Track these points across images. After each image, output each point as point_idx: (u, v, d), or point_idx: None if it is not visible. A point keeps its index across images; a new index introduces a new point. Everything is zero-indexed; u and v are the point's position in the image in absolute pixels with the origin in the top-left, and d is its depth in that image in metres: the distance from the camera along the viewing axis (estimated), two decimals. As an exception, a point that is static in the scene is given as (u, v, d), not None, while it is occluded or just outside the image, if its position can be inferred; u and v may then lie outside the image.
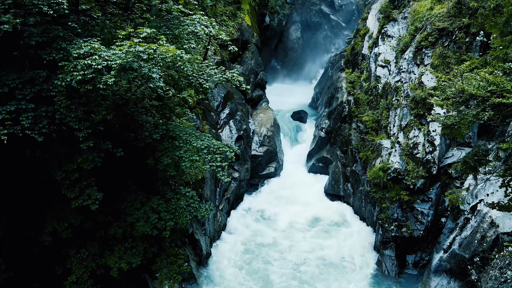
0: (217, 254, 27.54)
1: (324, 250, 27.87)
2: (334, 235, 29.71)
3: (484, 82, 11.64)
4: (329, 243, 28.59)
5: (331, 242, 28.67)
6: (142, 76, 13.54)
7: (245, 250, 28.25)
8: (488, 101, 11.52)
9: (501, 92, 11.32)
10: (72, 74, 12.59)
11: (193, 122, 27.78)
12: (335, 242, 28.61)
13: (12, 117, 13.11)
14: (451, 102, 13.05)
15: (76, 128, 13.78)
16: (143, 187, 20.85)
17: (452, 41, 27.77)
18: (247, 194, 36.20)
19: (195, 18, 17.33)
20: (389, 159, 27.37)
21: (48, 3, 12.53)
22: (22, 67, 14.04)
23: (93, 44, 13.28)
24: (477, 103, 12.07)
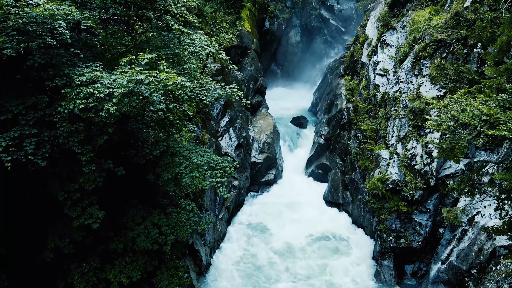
0: (217, 264, 27.77)
1: (323, 273, 27.71)
2: (334, 253, 29.38)
3: (478, 112, 11.88)
4: (328, 263, 28.33)
5: (331, 262, 28.34)
6: (143, 98, 13.74)
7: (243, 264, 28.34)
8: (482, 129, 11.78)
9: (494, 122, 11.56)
10: (75, 102, 12.83)
11: (193, 132, 27.95)
12: (335, 263, 28.31)
13: (16, 142, 13.35)
14: (446, 127, 13.29)
15: (78, 152, 14.02)
16: (143, 201, 21.10)
17: (450, 53, 27.99)
18: (246, 201, 36.43)
19: (195, 37, 17.54)
20: (387, 170, 27.61)
21: (52, 33, 12.75)
22: (25, 90, 14.27)
23: (95, 70, 13.51)
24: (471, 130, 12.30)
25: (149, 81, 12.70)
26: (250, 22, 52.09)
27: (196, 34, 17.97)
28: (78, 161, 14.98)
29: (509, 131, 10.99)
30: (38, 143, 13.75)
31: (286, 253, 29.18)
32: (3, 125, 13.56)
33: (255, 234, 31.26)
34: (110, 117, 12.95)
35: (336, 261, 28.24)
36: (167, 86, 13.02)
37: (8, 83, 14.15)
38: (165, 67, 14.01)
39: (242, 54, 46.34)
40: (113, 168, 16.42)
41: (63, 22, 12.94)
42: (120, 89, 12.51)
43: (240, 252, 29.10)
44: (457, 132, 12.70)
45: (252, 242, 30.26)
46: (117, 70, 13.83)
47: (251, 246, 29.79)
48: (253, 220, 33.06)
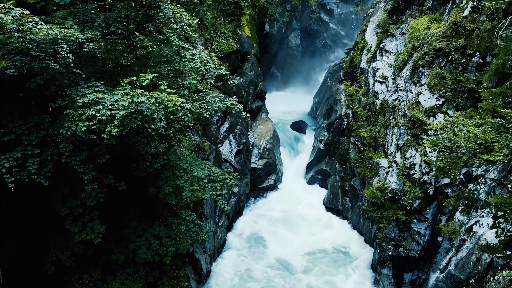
0: (217, 272, 27.96)
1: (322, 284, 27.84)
2: (333, 264, 29.38)
3: (473, 135, 12.06)
4: (327, 276, 28.28)
5: (331, 277, 28.21)
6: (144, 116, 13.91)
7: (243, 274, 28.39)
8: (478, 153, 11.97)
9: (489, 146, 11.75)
10: (77, 124, 13.02)
11: (193, 141, 28.09)
12: (335, 278, 28.21)
13: (19, 163, 13.53)
14: (443, 146, 13.46)
15: (80, 171, 14.20)
16: (144, 212, 21.32)
17: (448, 62, 28.12)
18: (246, 207, 36.64)
19: (195, 53, 17.71)
20: (386, 178, 27.78)
21: (55, 57, 12.93)
22: (28, 109, 14.44)
23: (97, 91, 13.68)
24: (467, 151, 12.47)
25: (150, 103, 12.87)
26: (250, 26, 52.24)
27: (196, 49, 18.12)
28: (80, 177, 15.14)
29: (504, 156, 11.18)
30: (40, 163, 13.95)
31: (285, 266, 29.03)
32: (6, 145, 13.73)
33: (254, 245, 31.08)
34: (112, 139, 13.13)
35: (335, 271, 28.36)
36: (168, 108, 13.20)
37: (12, 102, 14.31)
38: (166, 86, 14.17)
39: (242, 59, 46.48)
40: (114, 183, 16.60)
41: (66, 46, 13.12)
42: (121, 112, 12.69)
43: (240, 263, 29.12)
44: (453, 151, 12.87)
45: (252, 252, 30.12)
46: (119, 89, 14.00)
47: (250, 258, 29.57)
48: (253, 229, 33.07)
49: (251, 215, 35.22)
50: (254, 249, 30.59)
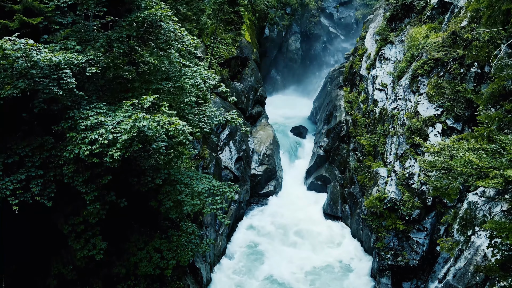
0: (217, 281, 28.14)
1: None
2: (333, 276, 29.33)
3: (469, 161, 12.26)
4: None
5: None
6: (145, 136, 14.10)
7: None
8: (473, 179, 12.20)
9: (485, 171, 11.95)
10: (80, 147, 13.22)
11: (194, 150, 28.27)
12: None
13: (23, 184, 13.73)
14: (439, 167, 13.66)
15: (83, 191, 14.40)
16: (145, 224, 21.52)
17: (447, 72, 28.32)
18: (246, 214, 36.81)
19: (196, 70, 17.90)
20: (385, 188, 27.98)
21: (58, 82, 13.12)
22: (31, 129, 14.64)
23: (99, 113, 13.89)
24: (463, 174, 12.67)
25: (152, 127, 13.06)
26: (250, 31, 52.48)
27: (197, 66, 18.31)
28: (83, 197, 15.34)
29: (499, 184, 11.38)
30: (44, 184, 14.15)
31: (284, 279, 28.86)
32: (10, 167, 13.93)
33: (252, 261, 30.94)
34: (114, 162, 13.34)
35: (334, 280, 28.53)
36: (169, 131, 13.40)
37: (15, 122, 14.51)
38: (167, 107, 14.37)
39: (242, 64, 46.69)
40: (116, 199, 16.81)
41: (69, 71, 13.32)
42: (123, 136, 12.89)
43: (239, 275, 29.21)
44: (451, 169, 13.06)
45: (248, 268, 30.00)
46: (121, 110, 14.20)
47: (247, 276, 29.39)
48: (252, 240, 32.88)
49: (251, 223, 35.31)
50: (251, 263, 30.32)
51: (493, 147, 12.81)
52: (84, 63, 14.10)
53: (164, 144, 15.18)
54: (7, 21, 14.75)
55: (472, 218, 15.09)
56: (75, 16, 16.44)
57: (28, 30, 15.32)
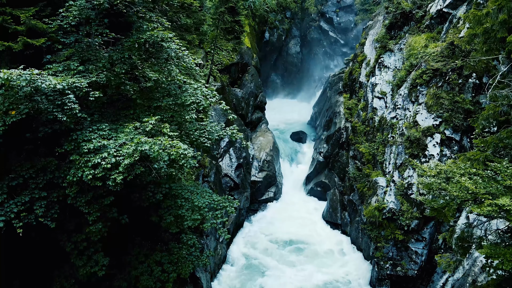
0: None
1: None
2: None
3: (465, 187, 12.50)
4: None
5: None
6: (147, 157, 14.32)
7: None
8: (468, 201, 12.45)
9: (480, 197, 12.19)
10: (83, 170, 13.44)
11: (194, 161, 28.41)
12: None
13: (27, 207, 13.96)
14: (436, 188, 13.88)
15: (85, 212, 14.63)
16: (146, 236, 21.72)
17: (445, 82, 28.53)
18: (246, 221, 37.07)
19: (197, 87, 18.12)
20: (384, 198, 28.21)
21: (62, 108, 13.34)
22: (34, 150, 14.86)
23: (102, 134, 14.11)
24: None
25: (154, 151, 13.29)
26: (250, 37, 52.66)
27: (198, 84, 18.53)
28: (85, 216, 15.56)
29: (493, 211, 11.59)
30: (47, 205, 14.37)
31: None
32: (14, 189, 14.15)
33: (253, 268, 30.77)
34: (116, 186, 13.56)
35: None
36: (171, 155, 13.62)
37: (19, 142, 14.71)
38: (168, 129, 14.60)
39: (242, 70, 46.89)
40: (118, 216, 17.03)
41: (72, 96, 13.54)
42: (126, 160, 13.11)
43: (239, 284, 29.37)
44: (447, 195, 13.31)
45: (250, 277, 30.02)
46: (123, 130, 14.42)
47: (248, 282, 29.60)
48: (252, 248, 32.98)
49: (250, 231, 35.50)
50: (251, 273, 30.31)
51: (489, 173, 13.05)
52: (87, 87, 14.28)
53: (166, 164, 15.35)
54: (11, 43, 14.96)
55: (469, 237, 15.30)
56: (77, 35, 16.64)
57: (32, 51, 15.54)
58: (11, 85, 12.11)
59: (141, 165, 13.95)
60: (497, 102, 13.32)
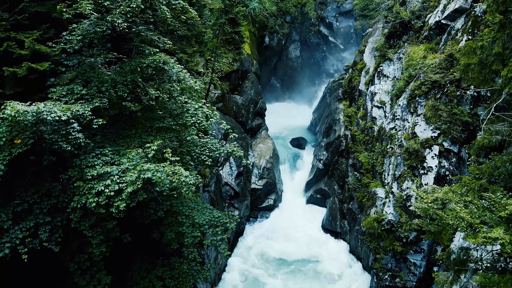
0: (218, 301, 28.67)
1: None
2: None
3: (460, 217, 12.77)
4: None
5: None
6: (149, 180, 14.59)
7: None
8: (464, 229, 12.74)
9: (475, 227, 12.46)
10: (87, 197, 13.72)
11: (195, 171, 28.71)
12: None
13: (31, 232, 14.24)
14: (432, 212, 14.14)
15: (89, 235, 14.90)
16: (147, 251, 22.01)
17: (444, 94, 28.77)
18: (246, 229, 37.33)
19: (197, 107, 18.39)
20: (383, 209, 28.48)
21: (67, 138, 13.61)
22: (39, 171, 15.12)
23: (105, 160, 14.39)
24: (456, 222, 13.19)
25: (156, 178, 13.58)
26: (250, 43, 52.89)
27: (199, 103, 18.79)
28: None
29: (488, 242, 11.87)
30: (51, 229, 14.64)
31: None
32: (19, 214, 14.43)
33: (253, 281, 31.24)
34: (119, 213, 13.84)
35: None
36: (173, 182, 13.91)
37: (23, 165, 14.97)
38: (170, 154, 14.87)
39: (242, 77, 47.17)
40: (120, 235, 17.31)
41: (77, 124, 13.81)
42: (129, 188, 13.39)
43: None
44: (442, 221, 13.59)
45: None
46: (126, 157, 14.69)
47: None
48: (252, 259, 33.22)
49: (250, 240, 35.70)
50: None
51: (483, 203, 13.33)
52: (91, 114, 14.55)
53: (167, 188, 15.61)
54: (16, 68, 15.22)
55: (465, 259, 15.57)
56: (80, 57, 16.91)
57: (36, 75, 15.81)
58: (18, 120, 12.38)
59: (143, 190, 14.20)
60: (490, 137, 13.60)
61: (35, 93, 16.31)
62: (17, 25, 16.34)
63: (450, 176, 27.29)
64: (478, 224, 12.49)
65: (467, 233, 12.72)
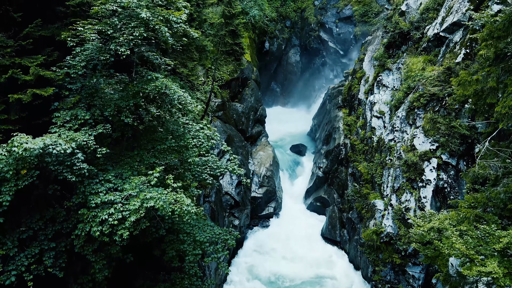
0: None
1: None
2: None
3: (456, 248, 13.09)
4: None
5: None
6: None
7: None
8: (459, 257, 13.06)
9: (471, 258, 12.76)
10: (91, 225, 14.03)
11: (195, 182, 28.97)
12: None
13: (36, 258, 14.54)
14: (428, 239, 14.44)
15: (92, 260, 15.20)
16: (149, 266, 22.30)
17: (442, 107, 29.04)
18: (247, 238, 37.61)
19: (198, 129, 18.69)
20: (382, 222, 28.78)
21: (72, 169, 13.92)
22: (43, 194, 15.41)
23: (109, 186, 14.69)
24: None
25: (159, 206, 13.89)
26: (250, 49, 53.15)
27: (199, 125, 19.09)
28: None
29: (483, 274, 12.16)
30: (56, 255, 14.94)
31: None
32: (24, 241, 14.74)
33: None
34: (123, 241, 14.15)
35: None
36: (175, 211, 14.21)
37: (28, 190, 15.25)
38: (172, 180, 15.17)
39: (243, 85, 47.45)
40: (122, 256, 17.60)
41: (81, 154, 14.11)
42: (132, 217, 13.69)
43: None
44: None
45: None
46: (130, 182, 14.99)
47: None
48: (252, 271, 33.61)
49: (250, 251, 35.93)
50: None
51: (478, 234, 13.63)
52: (95, 144, 14.85)
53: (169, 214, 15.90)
54: (20, 94, 15.51)
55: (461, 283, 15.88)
56: (84, 80, 17.20)
57: (40, 101, 16.10)
58: (25, 156, 12.70)
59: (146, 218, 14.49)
60: (484, 172, 13.89)
61: (39, 117, 16.60)
62: (21, 50, 16.62)
63: (448, 189, 27.57)
64: (473, 255, 12.79)
65: (462, 261, 13.04)
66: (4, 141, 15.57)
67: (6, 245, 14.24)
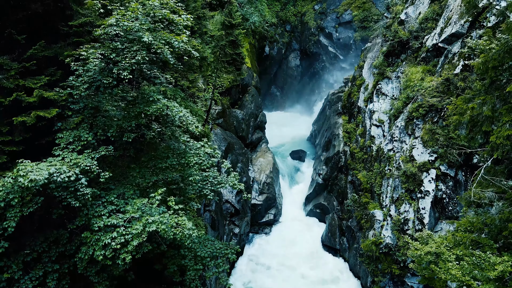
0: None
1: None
2: None
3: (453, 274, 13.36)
4: None
5: None
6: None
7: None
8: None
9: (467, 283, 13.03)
10: (94, 248, 14.28)
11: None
12: None
13: (40, 280, 14.79)
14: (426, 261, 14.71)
15: (95, 281, 15.46)
16: (150, 280, 22.54)
17: (440, 118, 29.28)
18: (247, 246, 37.87)
19: (199, 147, 18.94)
20: (381, 232, 29.02)
21: (75, 195, 14.17)
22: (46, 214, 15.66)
23: (111, 209, 14.95)
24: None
25: (160, 229, 14.15)
26: (250, 55, 53.41)
27: (200, 143, 19.33)
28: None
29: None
30: (59, 277, 15.19)
31: None
32: (28, 263, 14.99)
33: None
34: (125, 265, 14.40)
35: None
36: (176, 235, 14.46)
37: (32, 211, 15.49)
38: (174, 203, 15.42)
39: (243, 91, 47.72)
40: (124, 274, 17.86)
41: (84, 179, 14.35)
42: (134, 241, 13.94)
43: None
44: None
45: None
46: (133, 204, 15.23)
47: None
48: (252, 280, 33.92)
49: (250, 259, 36.17)
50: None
51: (474, 260, 13.87)
52: (98, 168, 15.09)
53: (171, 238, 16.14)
54: (24, 116, 15.75)
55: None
56: (86, 100, 17.43)
57: (44, 122, 16.33)
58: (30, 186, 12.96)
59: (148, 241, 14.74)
60: (479, 201, 14.14)
61: (43, 137, 16.84)
62: (25, 71, 16.84)
63: (447, 200, 27.81)
64: (469, 280, 13.05)
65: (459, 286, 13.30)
66: (9, 162, 15.85)
67: (11, 268, 14.50)
